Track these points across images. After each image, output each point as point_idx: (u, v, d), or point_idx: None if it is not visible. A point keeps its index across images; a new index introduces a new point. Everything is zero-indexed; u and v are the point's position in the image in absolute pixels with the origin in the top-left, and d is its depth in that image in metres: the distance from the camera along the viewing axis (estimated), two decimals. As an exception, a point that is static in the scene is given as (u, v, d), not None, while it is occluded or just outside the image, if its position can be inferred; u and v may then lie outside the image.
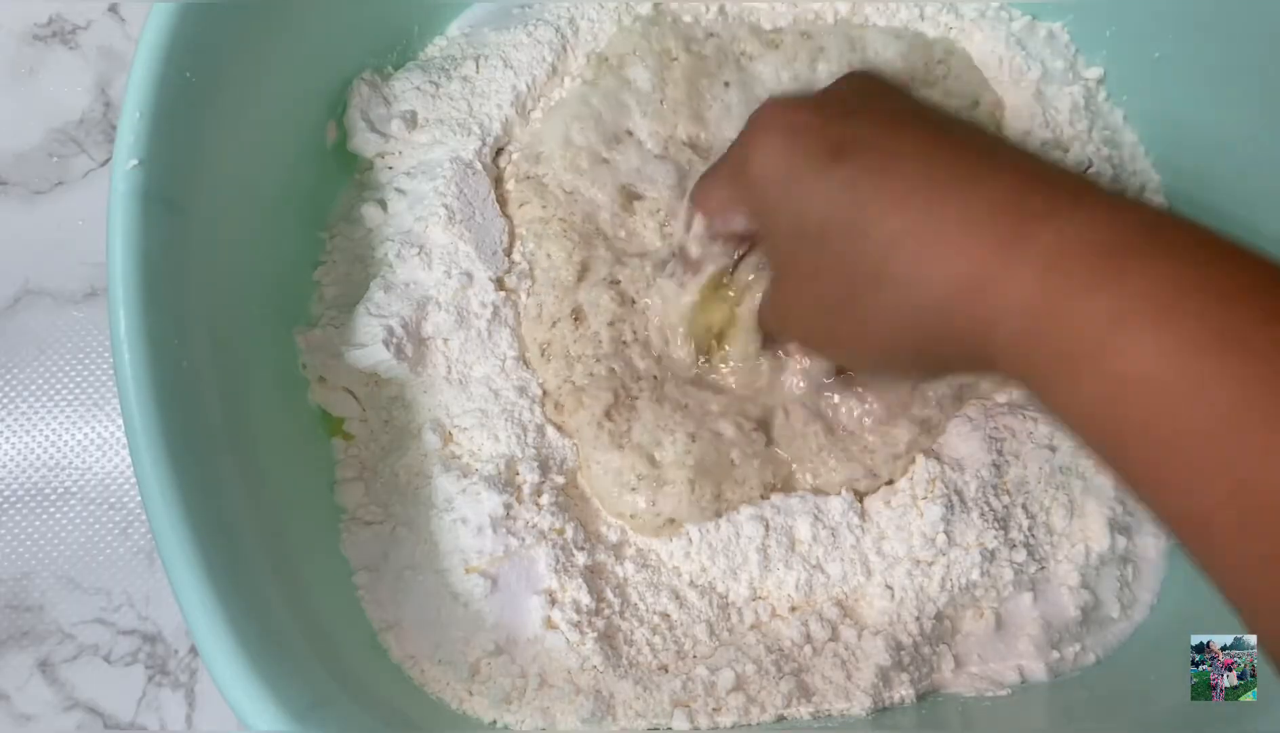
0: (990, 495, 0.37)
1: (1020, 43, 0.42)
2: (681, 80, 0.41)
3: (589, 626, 0.33)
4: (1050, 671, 0.36)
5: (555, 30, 0.41)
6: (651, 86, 0.41)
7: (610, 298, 0.38)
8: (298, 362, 0.37)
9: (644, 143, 0.41)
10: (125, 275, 0.28)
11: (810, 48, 0.42)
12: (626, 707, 0.33)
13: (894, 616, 0.36)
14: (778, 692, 0.33)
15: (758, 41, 0.43)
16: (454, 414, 0.36)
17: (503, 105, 0.40)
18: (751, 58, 0.43)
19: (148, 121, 0.29)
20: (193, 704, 0.42)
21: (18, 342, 0.45)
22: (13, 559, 0.43)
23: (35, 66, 0.48)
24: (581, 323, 0.38)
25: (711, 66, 0.42)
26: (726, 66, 0.42)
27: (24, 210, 0.46)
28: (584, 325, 0.38)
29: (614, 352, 0.38)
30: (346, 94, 0.39)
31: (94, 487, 0.44)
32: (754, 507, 0.36)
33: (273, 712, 0.26)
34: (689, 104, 0.41)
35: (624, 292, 0.38)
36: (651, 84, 0.41)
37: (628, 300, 0.38)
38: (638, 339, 0.38)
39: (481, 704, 0.33)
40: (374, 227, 0.39)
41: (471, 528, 0.34)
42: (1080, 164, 0.41)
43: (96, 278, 0.46)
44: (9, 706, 0.42)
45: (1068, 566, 0.37)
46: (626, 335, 0.38)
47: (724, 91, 0.42)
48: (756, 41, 0.43)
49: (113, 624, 0.43)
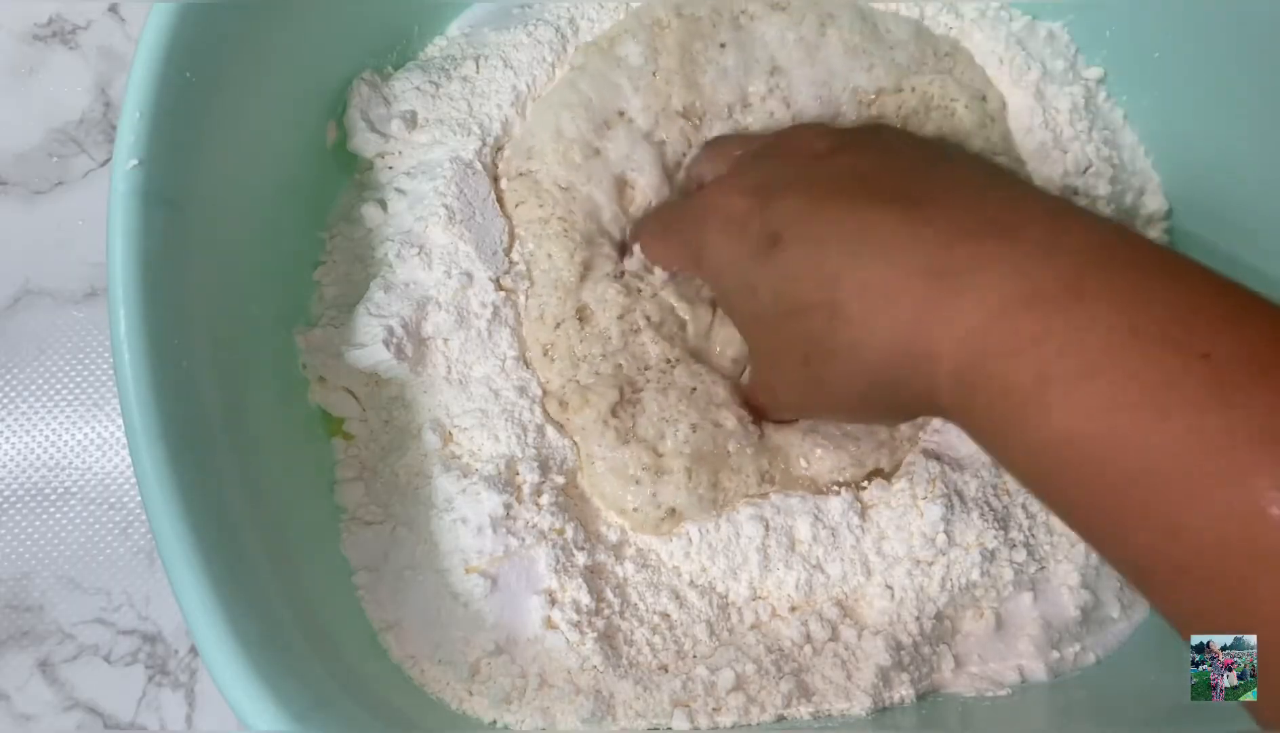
0: (990, 495, 0.37)
1: (1020, 43, 0.42)
2: (674, 47, 0.40)
3: (589, 626, 0.34)
4: (1050, 671, 0.36)
5: (555, 30, 0.41)
6: (644, 59, 0.40)
7: (617, 290, 0.38)
8: (298, 362, 0.37)
9: (635, 121, 0.40)
10: (125, 275, 0.28)
11: (820, 13, 0.41)
12: (626, 707, 0.33)
13: (894, 616, 0.36)
14: (778, 692, 0.33)
15: (761, 2, 0.41)
16: (454, 414, 0.36)
17: (503, 105, 0.40)
18: (753, 18, 0.41)
19: (148, 121, 0.29)
20: (193, 704, 0.42)
21: (18, 342, 0.45)
22: (13, 559, 0.43)
23: (35, 66, 0.48)
24: (588, 323, 0.38)
25: (706, 27, 0.40)
26: (722, 26, 0.41)
27: (24, 210, 0.46)
28: (590, 324, 0.38)
29: (623, 346, 0.37)
30: (346, 94, 0.39)
31: (94, 487, 0.44)
32: (754, 506, 0.36)
33: (273, 712, 0.26)
34: (682, 71, 0.40)
35: (630, 283, 0.38)
36: (643, 56, 0.40)
37: (634, 289, 0.38)
38: (651, 322, 0.38)
39: (481, 704, 0.33)
40: (374, 227, 0.39)
41: (471, 528, 0.34)
42: (1080, 164, 0.41)
43: (96, 278, 0.46)
44: (9, 706, 0.42)
45: (1068, 565, 0.37)
46: (639, 322, 0.38)
47: (720, 54, 0.40)
48: (760, 2, 0.41)
49: (113, 624, 0.43)
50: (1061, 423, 0.24)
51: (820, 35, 0.41)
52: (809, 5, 0.41)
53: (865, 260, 0.28)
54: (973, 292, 0.26)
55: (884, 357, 0.28)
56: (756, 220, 0.32)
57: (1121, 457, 0.23)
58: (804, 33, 0.41)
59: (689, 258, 0.36)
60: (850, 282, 0.28)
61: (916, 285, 0.27)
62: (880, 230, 0.28)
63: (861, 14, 0.42)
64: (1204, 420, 0.22)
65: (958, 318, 0.26)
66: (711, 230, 0.34)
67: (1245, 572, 0.21)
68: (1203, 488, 0.22)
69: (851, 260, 0.29)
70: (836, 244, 0.29)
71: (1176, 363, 0.22)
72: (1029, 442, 0.25)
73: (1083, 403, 0.23)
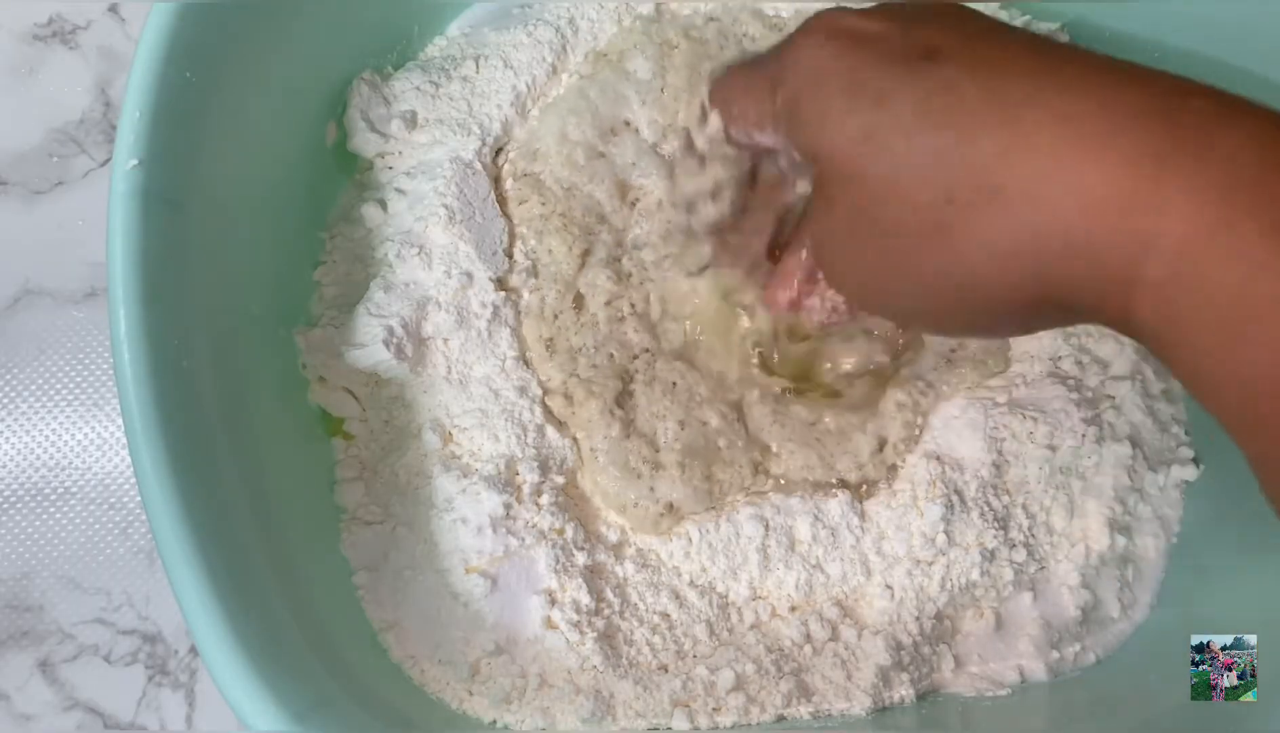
0: (990, 495, 0.37)
1: (1020, 43, 0.42)
2: (682, 66, 0.41)
3: (589, 625, 0.34)
4: (1050, 671, 0.36)
5: (555, 30, 0.41)
6: (652, 75, 0.41)
7: (607, 276, 0.38)
8: (298, 362, 0.37)
9: (641, 132, 0.41)
10: (125, 275, 0.28)
11: None
12: (626, 707, 0.33)
13: (894, 615, 0.36)
14: (778, 692, 0.33)
15: (760, 25, 0.42)
16: (454, 414, 0.36)
17: (503, 105, 0.40)
18: (754, 40, 0.42)
19: (148, 121, 0.29)
20: (193, 704, 0.42)
21: (18, 342, 0.45)
22: (13, 559, 0.43)
23: (35, 66, 0.48)
24: (582, 310, 0.38)
25: (713, 49, 0.41)
26: (728, 49, 0.42)
27: (24, 210, 0.46)
28: (584, 312, 0.38)
29: (610, 333, 0.38)
30: (346, 94, 0.39)
31: (94, 487, 0.44)
32: (754, 506, 0.36)
33: (273, 712, 0.26)
34: (690, 90, 0.41)
35: (621, 269, 0.39)
36: (652, 72, 0.41)
37: (624, 277, 0.39)
38: (635, 311, 0.39)
39: (481, 704, 0.33)
40: (374, 227, 0.39)
41: (471, 528, 0.34)
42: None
43: (96, 278, 0.46)
44: (9, 706, 0.42)
45: (1068, 565, 0.37)
46: (624, 310, 0.38)
47: None
48: (759, 24, 0.42)
49: (113, 624, 0.43)
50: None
51: None
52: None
53: (1069, 89, 0.22)
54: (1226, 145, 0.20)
55: (1073, 212, 0.21)
56: (898, 38, 0.24)
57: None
58: None
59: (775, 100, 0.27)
60: (1042, 116, 0.22)
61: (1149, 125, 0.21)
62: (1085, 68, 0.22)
63: None
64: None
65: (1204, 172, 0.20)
66: (828, 45, 0.25)
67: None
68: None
69: (1052, 83, 0.22)
70: (1019, 77, 0.22)
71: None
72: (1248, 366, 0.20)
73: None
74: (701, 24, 0.42)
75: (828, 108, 0.25)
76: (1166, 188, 0.20)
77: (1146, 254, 0.20)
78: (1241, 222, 0.19)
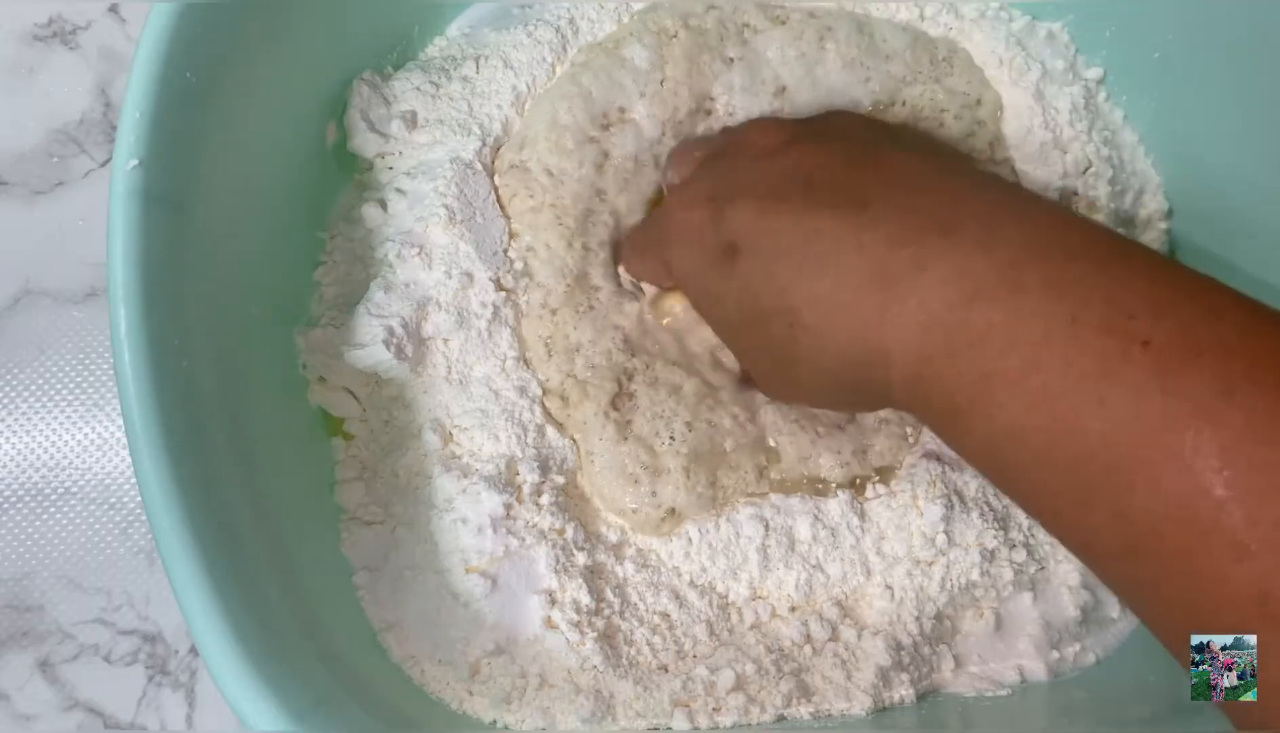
0: (990, 495, 0.37)
1: (1020, 43, 0.42)
2: (681, 58, 0.40)
3: (589, 626, 0.34)
4: (1050, 671, 0.36)
5: (555, 30, 0.41)
6: (649, 65, 0.40)
7: (605, 267, 0.39)
8: (298, 362, 0.37)
9: (641, 125, 0.40)
10: (125, 275, 0.28)
11: (817, 26, 0.41)
12: (626, 707, 0.33)
13: (894, 616, 0.36)
14: (778, 692, 0.33)
15: (762, 16, 0.41)
16: (454, 414, 0.36)
17: (503, 105, 0.40)
18: (756, 31, 0.41)
19: (148, 121, 0.29)
20: (193, 704, 0.42)
21: (18, 342, 0.45)
22: (13, 559, 0.43)
23: (35, 67, 0.48)
24: (579, 306, 0.38)
25: (713, 40, 0.41)
26: (729, 41, 0.41)
27: (24, 210, 0.46)
28: (583, 305, 0.38)
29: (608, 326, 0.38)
30: (346, 94, 0.39)
31: (94, 487, 0.44)
32: (754, 506, 0.36)
33: (273, 712, 0.26)
34: (690, 83, 0.40)
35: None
36: (650, 62, 0.40)
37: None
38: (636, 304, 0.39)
39: (481, 704, 0.33)
40: (374, 227, 0.39)
41: (471, 528, 0.34)
42: (1080, 165, 0.41)
43: (96, 278, 0.46)
44: (9, 706, 0.42)
45: (1068, 565, 0.37)
46: (624, 303, 0.39)
47: (727, 69, 0.41)
48: (761, 15, 0.41)
49: (113, 624, 0.43)
50: (1007, 417, 0.25)
51: (820, 50, 0.41)
52: (807, 18, 0.41)
53: (814, 273, 0.29)
54: (916, 295, 0.27)
55: (842, 361, 0.29)
56: (712, 232, 0.33)
57: (1065, 445, 0.24)
58: (804, 49, 0.41)
59: (663, 271, 0.37)
60: (803, 293, 0.29)
61: (865, 293, 0.28)
62: (827, 239, 0.29)
63: (858, 25, 0.42)
64: (1143, 406, 0.23)
65: (905, 322, 0.27)
66: (675, 244, 0.35)
67: (1191, 546, 0.22)
68: (1146, 472, 0.22)
69: (801, 273, 0.30)
70: (786, 256, 0.30)
71: (1116, 350, 0.23)
72: (978, 436, 0.26)
73: (1025, 396, 0.24)
74: (702, 11, 0.41)
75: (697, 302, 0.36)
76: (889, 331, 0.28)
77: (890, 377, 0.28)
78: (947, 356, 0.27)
